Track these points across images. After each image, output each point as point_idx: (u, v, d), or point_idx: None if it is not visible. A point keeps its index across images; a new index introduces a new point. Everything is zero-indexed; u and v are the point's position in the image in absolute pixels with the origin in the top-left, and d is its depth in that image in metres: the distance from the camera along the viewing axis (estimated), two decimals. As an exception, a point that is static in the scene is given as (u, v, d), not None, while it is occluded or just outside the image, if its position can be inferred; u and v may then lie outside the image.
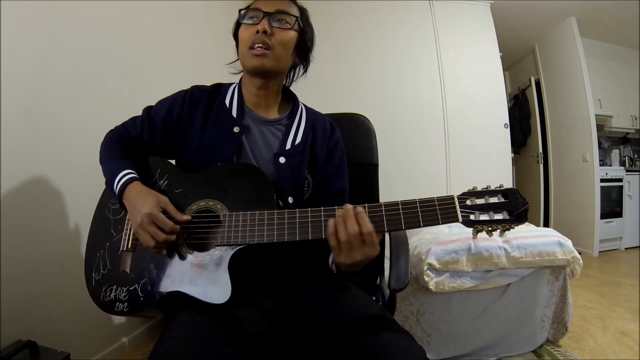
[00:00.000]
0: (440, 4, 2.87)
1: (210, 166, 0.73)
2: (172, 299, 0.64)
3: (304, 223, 0.62)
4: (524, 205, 0.57)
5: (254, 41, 0.73)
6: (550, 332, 1.51)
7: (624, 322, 1.77)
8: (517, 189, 0.59)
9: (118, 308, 0.67)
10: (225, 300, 0.60)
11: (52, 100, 1.19)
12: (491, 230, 0.58)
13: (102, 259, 0.72)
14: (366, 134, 1.12)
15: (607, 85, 3.50)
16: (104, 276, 0.70)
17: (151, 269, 0.67)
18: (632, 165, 3.86)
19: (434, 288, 1.35)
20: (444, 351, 1.43)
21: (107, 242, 0.73)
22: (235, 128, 0.77)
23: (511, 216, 0.57)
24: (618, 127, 3.67)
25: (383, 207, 0.60)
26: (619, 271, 2.74)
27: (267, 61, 0.74)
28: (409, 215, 0.59)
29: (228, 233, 0.64)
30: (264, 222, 0.63)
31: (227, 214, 0.65)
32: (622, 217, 3.41)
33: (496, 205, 0.58)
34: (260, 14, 0.73)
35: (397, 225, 0.59)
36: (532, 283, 1.46)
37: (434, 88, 2.82)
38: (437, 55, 2.83)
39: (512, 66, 4.37)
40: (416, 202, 0.59)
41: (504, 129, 2.87)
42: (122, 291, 0.68)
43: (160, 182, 0.74)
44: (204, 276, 0.63)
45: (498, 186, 0.60)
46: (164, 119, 0.79)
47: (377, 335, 0.62)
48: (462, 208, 0.58)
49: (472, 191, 0.60)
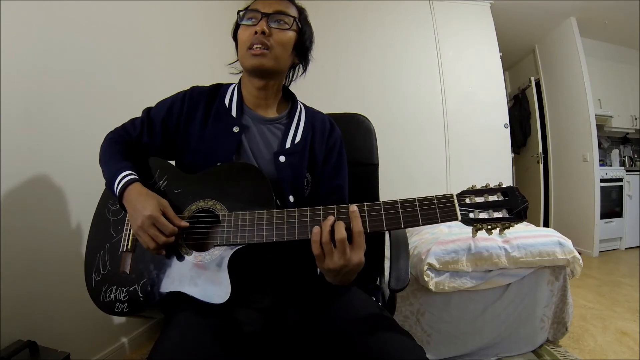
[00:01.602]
0: (440, 4, 2.87)
1: (210, 166, 0.73)
2: (172, 299, 0.64)
3: (302, 222, 0.61)
4: (523, 203, 0.57)
5: (253, 42, 0.73)
6: (550, 332, 1.51)
7: (624, 322, 1.77)
8: (516, 187, 0.59)
9: (118, 309, 0.67)
10: (225, 300, 0.60)
11: (52, 100, 1.19)
12: (490, 229, 0.58)
13: (102, 260, 0.72)
14: (366, 134, 1.12)
15: (607, 85, 3.50)
16: (104, 277, 0.70)
17: (151, 269, 0.67)
18: (632, 165, 3.86)
19: (434, 288, 1.35)
20: (444, 351, 1.43)
21: (107, 242, 0.73)
22: (235, 128, 0.77)
23: (510, 214, 0.57)
24: (618, 127, 3.67)
25: (382, 205, 0.60)
26: (619, 271, 2.74)
27: (266, 61, 0.74)
28: (408, 214, 0.59)
29: (227, 233, 0.64)
30: (263, 222, 0.63)
31: (227, 214, 0.65)
32: (622, 217, 3.41)
33: (495, 203, 0.58)
34: (258, 14, 0.74)
35: (396, 224, 0.59)
36: (532, 283, 1.46)
37: (434, 88, 2.82)
38: (437, 55, 2.83)
39: (512, 66, 4.37)
40: (415, 200, 0.59)
41: (504, 129, 2.87)
42: (122, 292, 0.68)
43: (159, 183, 0.74)
44: (203, 276, 0.63)
45: (497, 184, 0.60)
46: (163, 119, 0.79)
47: (377, 335, 0.62)
48: (461, 206, 0.57)
49: (471, 189, 0.60)
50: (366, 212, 0.60)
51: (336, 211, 0.60)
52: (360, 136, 1.11)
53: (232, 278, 0.62)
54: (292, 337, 0.69)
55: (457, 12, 2.89)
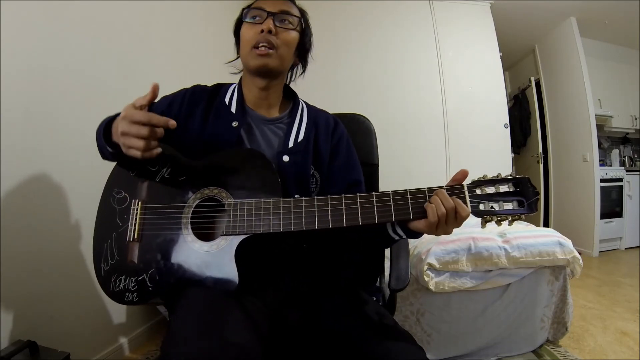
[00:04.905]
0: (440, 4, 2.87)
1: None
2: (180, 289, 0.64)
3: (310, 212, 0.61)
4: (535, 195, 0.56)
5: (258, 40, 0.72)
6: (550, 332, 1.51)
7: (624, 322, 1.77)
8: (528, 177, 0.57)
9: (128, 298, 0.67)
10: (232, 290, 0.60)
11: (52, 100, 1.19)
12: (500, 220, 0.57)
13: (109, 250, 0.72)
14: (366, 134, 1.12)
15: (607, 85, 3.50)
16: (113, 266, 0.70)
17: (158, 259, 0.67)
18: (632, 165, 3.86)
19: (434, 288, 1.35)
20: (444, 351, 1.43)
21: (114, 232, 0.73)
22: (234, 122, 0.76)
23: (521, 206, 0.56)
24: (618, 127, 3.67)
25: (391, 196, 0.59)
26: (619, 271, 2.74)
27: (271, 61, 0.74)
28: (417, 204, 0.58)
29: (233, 222, 0.63)
30: (270, 211, 0.62)
31: (232, 202, 0.65)
32: (622, 217, 3.40)
33: (506, 194, 0.57)
34: (263, 13, 0.73)
35: (405, 214, 0.58)
36: (532, 283, 1.46)
37: (434, 88, 2.81)
38: (437, 56, 2.83)
39: (512, 66, 4.37)
40: (425, 190, 0.58)
41: (504, 129, 2.87)
42: (131, 281, 0.68)
43: (163, 170, 0.73)
44: (210, 266, 0.63)
45: (508, 174, 0.59)
46: (162, 113, 0.79)
47: (376, 335, 0.62)
48: (471, 198, 0.57)
49: (482, 179, 0.59)
50: (375, 203, 0.59)
51: (359, 199, 0.60)
52: (360, 136, 1.11)
53: (239, 268, 0.61)
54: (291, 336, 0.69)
55: (457, 12, 2.89)
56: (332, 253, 0.81)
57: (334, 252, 0.81)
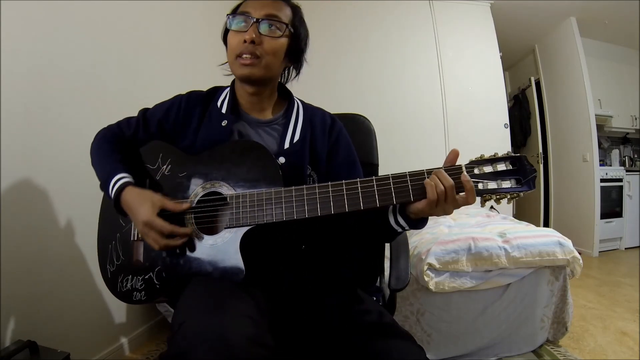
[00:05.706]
0: (440, 4, 2.87)
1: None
2: (187, 284, 0.63)
3: (312, 199, 0.61)
4: (532, 173, 0.56)
5: (242, 51, 0.70)
6: (550, 332, 1.51)
7: (624, 322, 1.77)
8: (524, 155, 0.58)
9: (136, 297, 0.68)
10: (239, 280, 0.61)
11: (52, 100, 1.19)
12: (499, 199, 0.57)
13: (114, 250, 0.72)
14: (366, 134, 1.12)
15: (607, 85, 3.49)
16: (119, 267, 0.71)
17: (164, 256, 0.67)
18: (632, 165, 3.86)
19: (434, 288, 1.35)
20: (444, 351, 1.43)
21: (118, 232, 0.73)
22: (223, 122, 0.76)
23: (519, 184, 0.57)
24: (618, 127, 3.67)
25: (391, 179, 0.59)
26: (619, 271, 2.74)
27: (256, 70, 0.72)
28: (417, 186, 0.58)
29: (237, 215, 0.63)
30: (272, 201, 0.62)
31: (234, 195, 0.65)
32: (622, 217, 3.40)
33: (504, 172, 0.57)
34: (248, 19, 0.71)
35: (405, 196, 0.58)
36: (532, 283, 1.46)
37: (434, 88, 2.82)
38: (437, 56, 2.83)
39: (512, 66, 4.37)
40: (424, 172, 0.59)
41: (504, 129, 2.88)
42: (138, 280, 0.68)
43: (163, 167, 0.73)
44: (216, 259, 0.63)
45: (505, 153, 0.59)
46: (159, 121, 0.79)
47: (377, 336, 0.62)
48: (470, 177, 0.57)
49: (479, 159, 0.60)
50: (375, 187, 0.59)
51: (360, 184, 0.60)
52: (360, 136, 1.11)
53: (245, 260, 0.62)
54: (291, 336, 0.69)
55: (457, 12, 2.89)
56: (333, 251, 0.81)
57: (334, 251, 0.81)
